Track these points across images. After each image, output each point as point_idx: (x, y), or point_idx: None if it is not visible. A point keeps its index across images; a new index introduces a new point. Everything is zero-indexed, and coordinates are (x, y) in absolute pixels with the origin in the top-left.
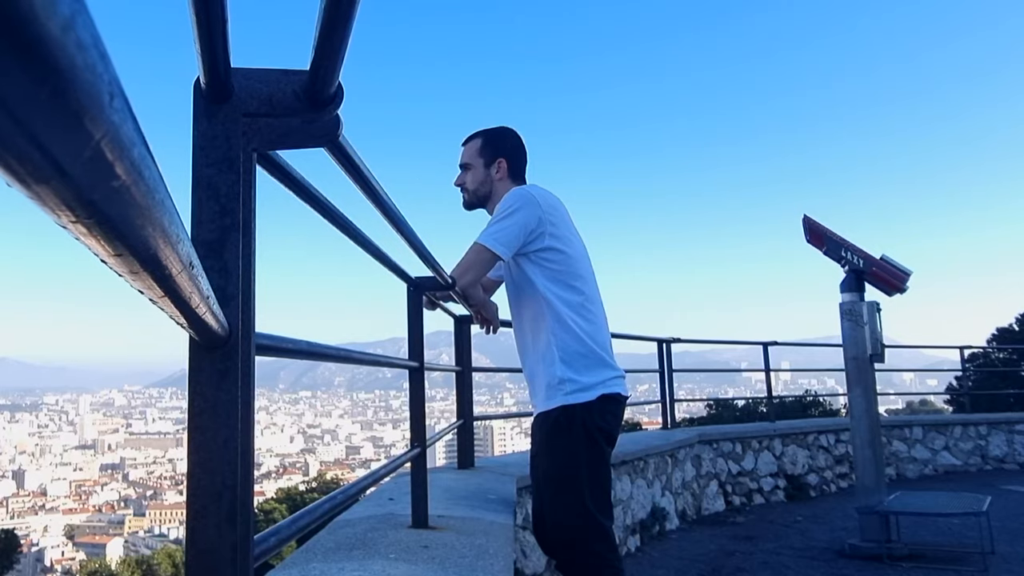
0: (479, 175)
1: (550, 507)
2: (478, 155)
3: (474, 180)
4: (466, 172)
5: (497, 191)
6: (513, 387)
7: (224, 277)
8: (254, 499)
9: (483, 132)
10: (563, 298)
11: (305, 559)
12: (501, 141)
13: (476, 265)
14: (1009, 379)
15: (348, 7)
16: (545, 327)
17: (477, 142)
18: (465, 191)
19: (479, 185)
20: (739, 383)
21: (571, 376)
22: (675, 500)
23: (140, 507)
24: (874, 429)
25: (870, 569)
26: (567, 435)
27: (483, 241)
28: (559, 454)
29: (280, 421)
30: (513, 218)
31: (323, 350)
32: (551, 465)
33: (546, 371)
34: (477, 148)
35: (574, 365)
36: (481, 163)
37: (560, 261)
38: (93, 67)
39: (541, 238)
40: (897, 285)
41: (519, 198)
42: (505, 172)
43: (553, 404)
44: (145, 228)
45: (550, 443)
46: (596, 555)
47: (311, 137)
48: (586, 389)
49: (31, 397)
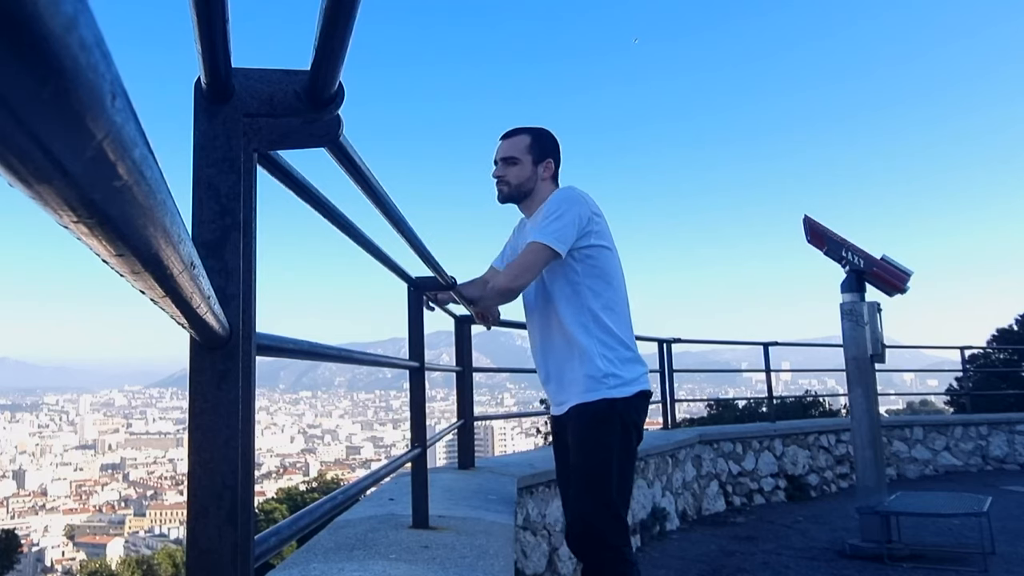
0: (526, 171)
1: (576, 498)
2: (527, 151)
3: (520, 175)
4: (510, 166)
5: (539, 190)
6: (513, 387)
7: (225, 277)
8: (254, 499)
9: (530, 129)
10: (602, 295)
11: (305, 559)
12: (550, 142)
13: (536, 265)
14: (1009, 379)
15: (349, 7)
16: (585, 322)
17: (526, 138)
18: (506, 184)
19: (524, 181)
20: (739, 383)
21: (614, 371)
22: (675, 500)
23: (140, 507)
24: (875, 429)
25: (871, 569)
26: (605, 427)
27: (545, 240)
28: (595, 446)
29: (280, 421)
30: (567, 216)
31: (323, 350)
32: (584, 456)
33: (585, 365)
34: (526, 145)
35: (615, 360)
36: (530, 160)
37: (602, 258)
38: (95, 67)
39: (588, 236)
40: (898, 285)
41: (569, 198)
42: (551, 173)
43: (595, 396)
44: (147, 228)
45: (587, 434)
46: (615, 549)
47: (312, 137)
48: (627, 384)
49: (31, 397)
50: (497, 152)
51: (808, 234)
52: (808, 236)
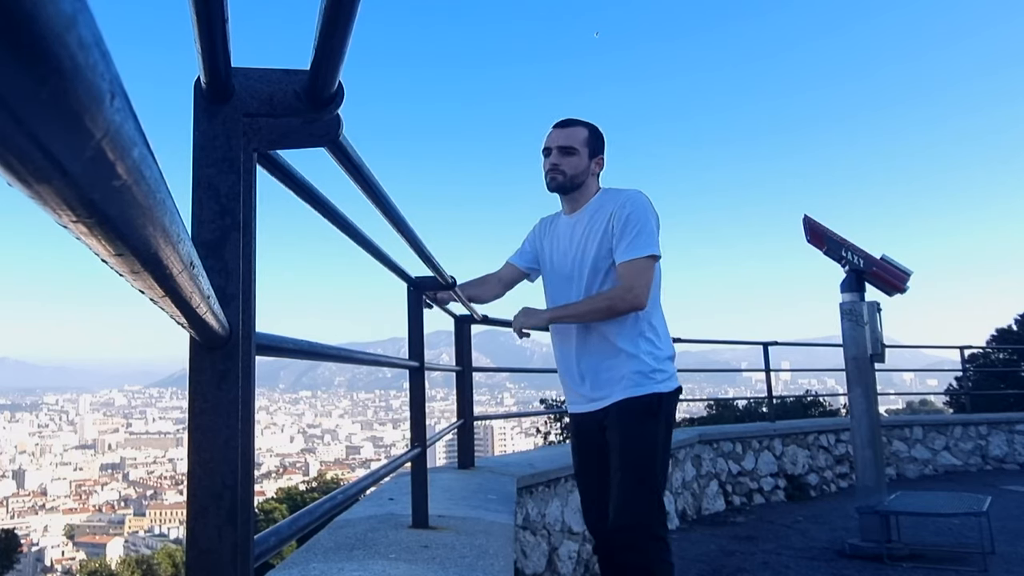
0: (582, 164)
1: (622, 489)
2: (585, 144)
3: (576, 167)
4: (567, 156)
5: (588, 185)
6: (513, 387)
7: (224, 277)
8: (254, 499)
9: (586, 123)
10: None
11: (305, 559)
12: (602, 140)
13: (650, 275)
14: (1009, 379)
15: (348, 7)
16: (638, 322)
17: (583, 131)
18: (561, 174)
19: (579, 173)
20: (739, 383)
21: (660, 367)
22: (675, 500)
23: (140, 507)
24: (874, 429)
25: (870, 569)
26: (653, 421)
27: (652, 251)
28: (643, 438)
29: (280, 421)
30: (652, 223)
31: (323, 350)
32: (633, 449)
33: (632, 362)
34: (584, 138)
35: (660, 357)
36: (586, 153)
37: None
38: (94, 66)
39: None
40: (897, 285)
41: (648, 206)
42: (600, 170)
43: (645, 391)
44: (146, 228)
45: (636, 427)
46: (661, 540)
47: (312, 137)
48: (671, 379)
49: (31, 397)
50: (551, 140)
51: (808, 234)
52: (808, 236)
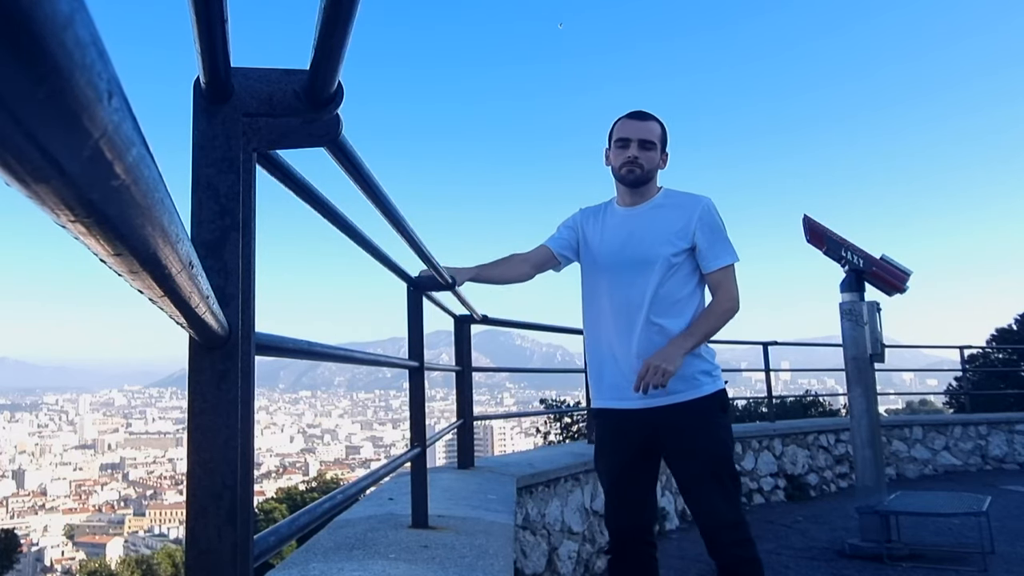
0: (656, 159)
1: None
2: (660, 140)
3: (652, 161)
4: (647, 150)
5: (655, 180)
6: (513, 387)
7: (224, 277)
8: (254, 499)
9: (658, 119)
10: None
11: (305, 559)
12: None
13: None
14: (1009, 379)
15: (348, 7)
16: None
17: (658, 127)
18: (639, 167)
19: (653, 168)
20: (739, 383)
21: (716, 364)
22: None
23: (140, 507)
24: (874, 429)
25: (870, 569)
26: (725, 417)
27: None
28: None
29: (280, 421)
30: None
31: (323, 350)
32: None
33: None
34: (659, 134)
35: (713, 354)
36: (659, 149)
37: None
38: (92, 65)
39: None
40: (897, 285)
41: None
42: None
43: (712, 389)
44: (144, 227)
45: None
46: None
47: (311, 137)
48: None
49: (31, 397)
50: (631, 130)
51: (808, 234)
52: (808, 236)
